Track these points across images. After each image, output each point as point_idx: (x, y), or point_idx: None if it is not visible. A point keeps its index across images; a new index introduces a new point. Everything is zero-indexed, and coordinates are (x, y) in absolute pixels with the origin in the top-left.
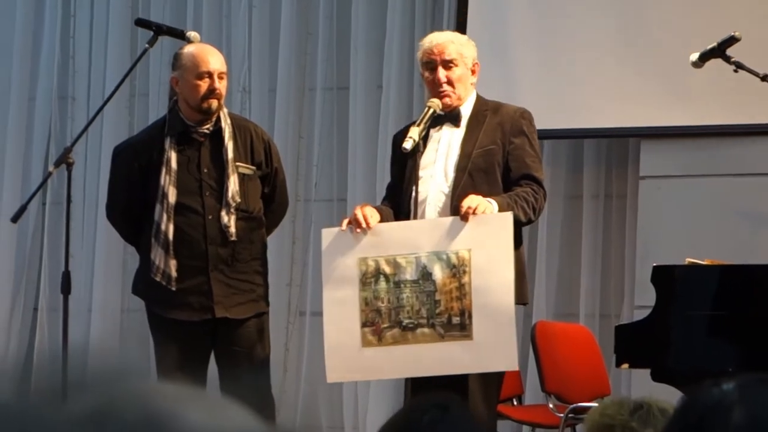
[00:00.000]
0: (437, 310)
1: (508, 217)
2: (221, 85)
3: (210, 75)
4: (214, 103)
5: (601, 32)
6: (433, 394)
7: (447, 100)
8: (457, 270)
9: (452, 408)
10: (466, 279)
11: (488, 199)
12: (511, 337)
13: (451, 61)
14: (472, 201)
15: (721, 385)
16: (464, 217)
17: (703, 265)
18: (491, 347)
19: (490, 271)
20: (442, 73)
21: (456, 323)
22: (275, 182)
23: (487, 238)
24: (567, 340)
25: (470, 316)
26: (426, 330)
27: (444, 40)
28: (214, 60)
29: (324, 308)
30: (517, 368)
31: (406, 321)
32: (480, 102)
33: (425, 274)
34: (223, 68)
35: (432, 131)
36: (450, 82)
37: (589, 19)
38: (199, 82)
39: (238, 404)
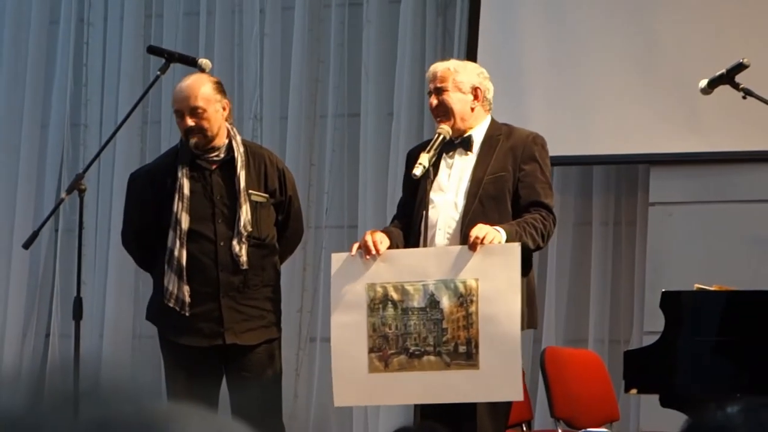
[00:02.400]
0: (444, 338)
1: (516, 247)
2: (199, 121)
3: (179, 114)
4: (192, 140)
5: (610, 59)
6: (420, 423)
7: (444, 125)
8: (465, 299)
9: None
10: (473, 308)
11: (496, 227)
12: (517, 368)
13: (442, 88)
14: (480, 231)
15: (725, 409)
16: (472, 247)
17: (711, 291)
18: (497, 377)
19: (497, 301)
20: (434, 99)
21: (462, 352)
22: (289, 210)
23: (495, 268)
24: (576, 365)
25: (477, 346)
26: (432, 358)
27: (439, 69)
28: (182, 98)
29: (332, 332)
30: (522, 398)
31: (412, 348)
32: (493, 126)
33: (433, 302)
34: (195, 103)
35: (445, 156)
36: (439, 107)
37: (599, 46)
38: (177, 120)
39: (239, 423)
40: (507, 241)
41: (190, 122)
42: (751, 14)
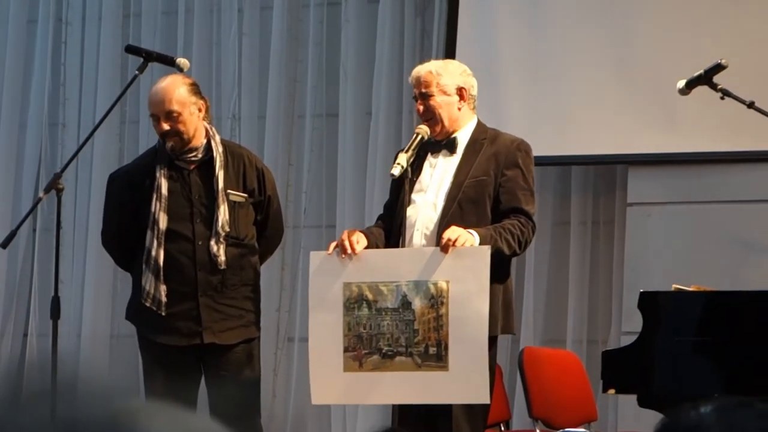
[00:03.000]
0: (415, 340)
1: (486, 251)
2: (174, 124)
3: (155, 117)
4: (169, 143)
5: (589, 60)
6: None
7: (422, 125)
8: (436, 301)
9: None
10: (443, 310)
11: (470, 231)
12: (484, 370)
13: (427, 93)
14: (452, 233)
15: (699, 408)
16: (444, 249)
17: (689, 291)
18: (465, 379)
19: (467, 303)
20: (420, 105)
21: (433, 353)
22: (268, 210)
23: (465, 271)
24: (554, 365)
25: (446, 347)
26: (404, 358)
27: (422, 72)
28: (156, 102)
29: (310, 331)
30: (488, 401)
31: (385, 348)
32: (479, 129)
33: (405, 303)
34: (169, 107)
35: (430, 156)
36: (426, 113)
37: (577, 46)
38: (153, 124)
39: (212, 422)
40: (480, 244)
41: (166, 126)
42: (728, 15)
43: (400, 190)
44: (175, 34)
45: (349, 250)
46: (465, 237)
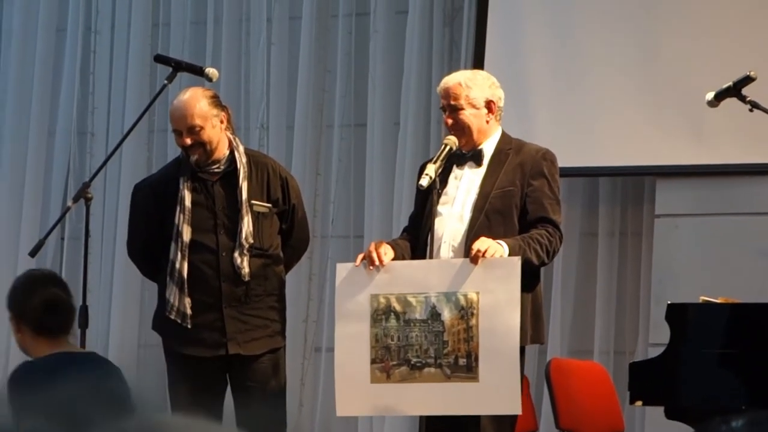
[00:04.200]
0: (445, 351)
1: (516, 261)
2: (198, 137)
3: (178, 133)
4: (193, 156)
5: (617, 71)
6: None
7: (450, 136)
8: (466, 312)
9: None
10: (473, 321)
11: (499, 241)
12: (516, 381)
13: (456, 106)
14: (482, 244)
15: (730, 422)
16: (474, 260)
17: (717, 303)
18: (496, 390)
19: (497, 314)
20: (449, 118)
21: (462, 365)
22: (293, 219)
23: (495, 282)
24: (581, 376)
25: (477, 359)
26: (433, 370)
27: (451, 84)
28: (178, 117)
29: (336, 342)
30: (520, 412)
31: (414, 360)
32: (504, 140)
33: (434, 314)
34: (192, 122)
35: (456, 168)
36: (455, 126)
37: (605, 58)
38: (176, 138)
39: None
40: (509, 255)
41: (189, 141)
42: (757, 27)
43: (426, 201)
44: (204, 43)
45: (377, 262)
46: (495, 248)
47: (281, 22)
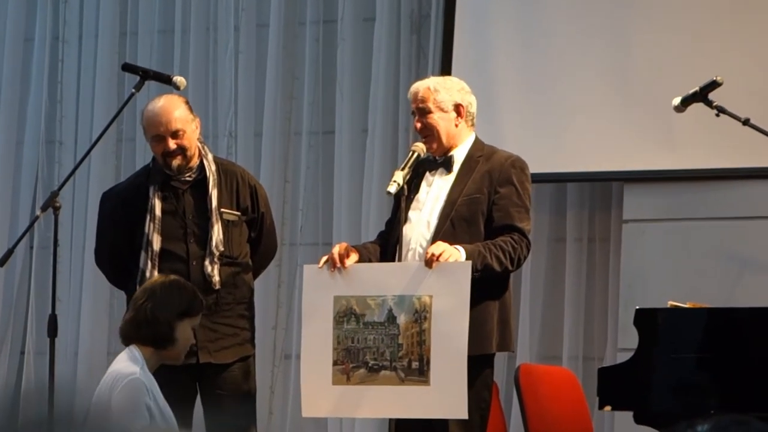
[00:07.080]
0: (399, 354)
1: (467, 266)
2: (181, 141)
3: (160, 138)
4: (175, 162)
5: (585, 77)
6: None
7: (418, 143)
8: (419, 315)
9: None
10: (426, 325)
11: (456, 246)
12: (462, 386)
13: (424, 109)
14: (437, 248)
15: (696, 426)
16: (428, 263)
17: (685, 308)
18: (444, 394)
19: (448, 318)
20: (418, 122)
21: (415, 368)
22: (262, 227)
23: (447, 286)
24: (550, 382)
25: (428, 363)
26: (388, 372)
27: (420, 88)
28: (161, 122)
29: (302, 343)
30: (466, 416)
31: (371, 362)
32: (476, 146)
33: (391, 317)
34: (176, 125)
35: (428, 174)
36: (424, 129)
37: (573, 64)
38: (155, 145)
39: None
40: (466, 260)
41: (173, 145)
42: (724, 32)
43: (399, 207)
44: (171, 52)
45: (339, 264)
46: (449, 252)
47: (248, 30)
